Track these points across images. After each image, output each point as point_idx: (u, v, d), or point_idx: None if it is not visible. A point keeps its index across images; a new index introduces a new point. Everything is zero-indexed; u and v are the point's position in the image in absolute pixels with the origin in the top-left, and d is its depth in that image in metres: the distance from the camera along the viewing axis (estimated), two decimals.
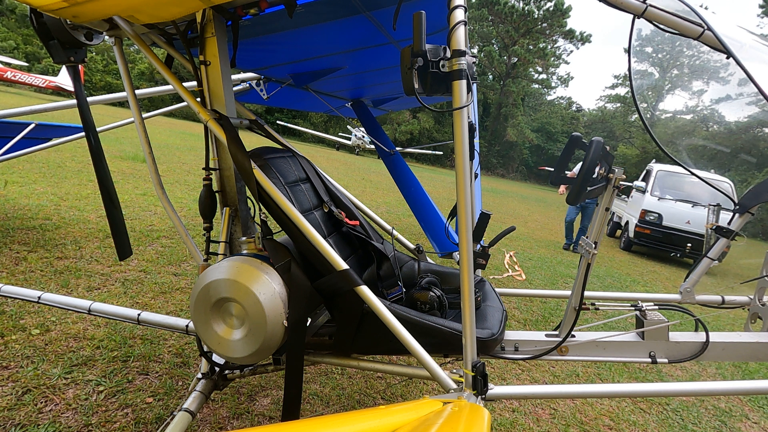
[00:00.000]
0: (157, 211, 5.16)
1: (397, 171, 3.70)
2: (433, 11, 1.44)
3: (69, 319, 2.49)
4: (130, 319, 1.85)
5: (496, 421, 2.15)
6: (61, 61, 1.69)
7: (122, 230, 1.78)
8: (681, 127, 6.99)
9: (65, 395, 1.89)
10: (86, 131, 1.76)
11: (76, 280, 2.98)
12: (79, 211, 4.56)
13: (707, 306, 1.94)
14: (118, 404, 1.90)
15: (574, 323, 1.50)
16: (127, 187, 5.97)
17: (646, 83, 34.00)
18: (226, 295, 1.37)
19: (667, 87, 31.08)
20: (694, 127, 5.59)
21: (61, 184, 5.53)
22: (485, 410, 1.03)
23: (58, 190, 5.24)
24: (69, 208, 4.59)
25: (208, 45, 1.54)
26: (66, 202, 4.82)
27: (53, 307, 2.12)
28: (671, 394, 1.79)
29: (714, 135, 4.74)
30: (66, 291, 2.81)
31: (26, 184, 5.22)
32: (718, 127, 4.71)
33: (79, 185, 5.66)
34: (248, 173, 1.43)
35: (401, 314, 1.42)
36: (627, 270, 7.15)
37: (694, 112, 5.64)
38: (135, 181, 6.52)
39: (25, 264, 3.06)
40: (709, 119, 4.97)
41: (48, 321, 2.44)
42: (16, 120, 3.23)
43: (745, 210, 1.74)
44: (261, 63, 2.35)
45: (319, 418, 1.44)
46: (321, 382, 2.33)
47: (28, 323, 2.37)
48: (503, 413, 2.19)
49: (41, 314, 2.48)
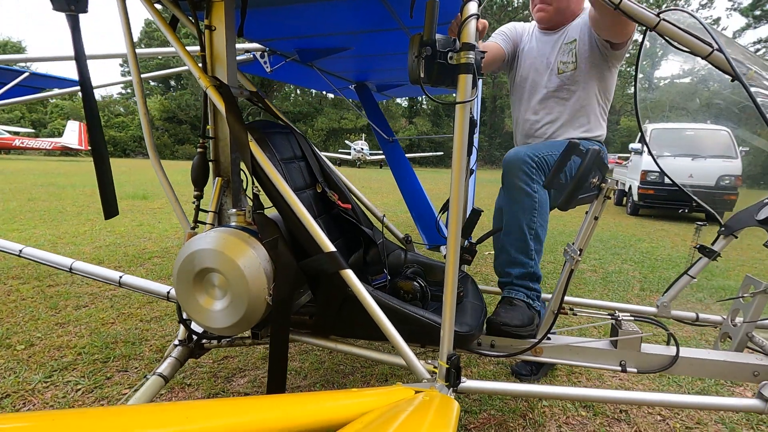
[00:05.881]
0: (151, 237, 5.30)
1: (394, 159, 3.69)
2: (448, 1, 1.43)
3: (54, 333, 2.53)
4: (111, 281, 1.84)
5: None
6: (61, 9, 1.63)
7: (110, 189, 1.76)
8: (680, 90, 6.93)
9: (44, 396, 1.93)
10: (81, 85, 1.72)
11: (65, 302, 3.02)
12: (75, 246, 4.69)
13: (682, 321, 1.98)
14: (95, 398, 1.92)
15: (551, 326, 1.52)
16: (124, 221, 6.20)
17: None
18: (211, 265, 1.36)
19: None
20: (694, 89, 5.54)
21: (60, 226, 5.71)
22: (455, 402, 1.05)
23: (57, 231, 5.41)
24: (65, 244, 4.74)
25: (214, 9, 1.50)
26: (63, 240, 4.96)
27: (34, 261, 2.11)
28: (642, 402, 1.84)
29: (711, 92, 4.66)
30: (55, 311, 2.86)
31: (26, 230, 5.41)
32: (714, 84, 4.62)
33: (77, 225, 5.86)
34: (244, 145, 1.41)
35: (383, 301, 1.43)
36: (633, 231, 7.09)
37: (691, 74, 5.46)
38: (133, 215, 6.83)
39: (17, 294, 3.12)
40: (708, 78, 4.88)
41: (33, 337, 2.48)
42: (11, 67, 3.14)
43: (730, 232, 1.77)
44: (267, 34, 2.31)
45: (290, 395, 1.46)
46: (300, 359, 2.35)
47: (14, 341, 2.41)
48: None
49: (28, 332, 2.53)
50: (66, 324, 2.67)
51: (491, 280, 3.87)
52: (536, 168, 1.69)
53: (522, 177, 1.69)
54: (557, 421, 1.89)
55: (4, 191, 9.24)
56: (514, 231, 1.72)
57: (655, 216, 9.04)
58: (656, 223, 8.20)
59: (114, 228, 5.62)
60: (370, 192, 12.11)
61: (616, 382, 2.25)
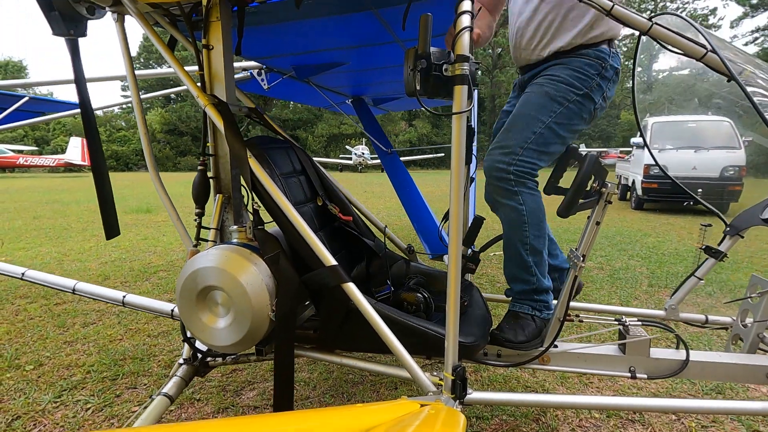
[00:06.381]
0: (156, 250, 5.34)
1: (393, 170, 3.70)
2: (441, 14, 1.44)
3: (63, 352, 2.55)
4: (114, 301, 1.84)
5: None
6: (60, 34, 1.66)
7: (111, 210, 1.77)
8: (679, 83, 6.92)
9: (54, 416, 1.93)
10: (82, 107, 1.74)
11: (72, 319, 3.05)
12: (81, 262, 4.75)
13: (691, 324, 1.96)
14: (104, 417, 1.93)
15: (558, 333, 1.51)
16: (129, 235, 6.26)
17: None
18: (213, 283, 1.36)
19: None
20: (694, 81, 5.52)
21: (65, 243, 5.79)
22: (462, 415, 1.03)
23: (62, 248, 5.48)
24: (71, 261, 4.80)
25: (212, 29, 1.52)
26: (69, 257, 5.02)
27: (36, 284, 2.12)
28: (651, 409, 1.81)
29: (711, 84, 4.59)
30: (63, 329, 2.88)
31: (32, 248, 5.49)
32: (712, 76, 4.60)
33: (83, 241, 5.95)
34: (243, 161, 1.42)
35: (386, 313, 1.42)
36: (638, 226, 7.03)
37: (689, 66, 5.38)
38: (137, 229, 6.90)
39: (25, 313, 3.15)
40: (706, 71, 4.89)
41: (42, 356, 2.49)
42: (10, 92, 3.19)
43: (736, 232, 1.75)
44: (264, 52, 2.33)
45: (297, 413, 1.45)
46: (309, 370, 2.35)
47: (23, 361, 2.42)
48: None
49: (36, 352, 2.55)
50: (74, 342, 2.68)
51: (498, 281, 3.85)
52: (514, 176, 1.55)
53: (501, 192, 1.59)
54: (570, 425, 1.87)
55: (9, 210, 9.34)
56: (510, 247, 1.64)
57: (660, 210, 8.96)
58: (661, 217, 8.13)
59: (119, 243, 5.65)
60: (373, 196, 12.12)
61: (628, 383, 2.22)
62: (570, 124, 1.60)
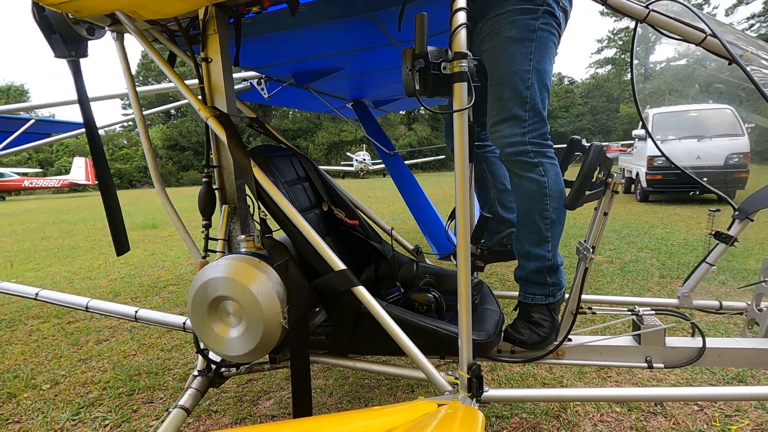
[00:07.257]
0: (164, 265, 5.38)
1: (396, 172, 3.70)
2: (436, 13, 1.44)
3: (78, 370, 2.57)
4: (127, 317, 1.85)
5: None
6: (62, 56, 1.69)
7: (121, 227, 1.79)
8: (677, 73, 6.81)
9: None
10: (86, 127, 1.76)
11: (86, 337, 3.08)
12: (90, 280, 4.80)
13: (705, 311, 1.93)
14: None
15: (571, 327, 1.50)
16: (137, 251, 6.33)
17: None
18: (224, 293, 1.37)
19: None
20: (692, 70, 5.41)
21: (74, 262, 5.86)
22: (480, 412, 1.03)
23: (72, 267, 5.55)
24: (81, 279, 4.85)
25: (210, 42, 1.54)
26: (79, 275, 5.08)
27: (50, 303, 2.14)
28: (670, 398, 1.78)
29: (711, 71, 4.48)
30: (77, 347, 2.91)
31: (42, 269, 5.55)
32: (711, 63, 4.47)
33: (91, 259, 6.02)
34: (247, 171, 1.43)
35: (398, 315, 1.42)
36: (645, 218, 6.97)
37: (687, 55, 5.27)
38: (144, 245, 6.96)
39: (38, 333, 3.18)
40: (705, 58, 4.75)
41: (58, 375, 2.51)
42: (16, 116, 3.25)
43: (745, 216, 1.73)
44: (262, 62, 2.35)
45: (316, 418, 1.44)
46: (324, 377, 2.34)
47: (39, 381, 2.44)
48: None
49: (52, 371, 2.57)
50: (89, 359, 2.70)
51: (507, 280, 3.84)
52: (531, 146, 1.46)
53: (521, 166, 1.50)
54: (591, 420, 1.85)
55: (18, 232, 9.43)
56: (527, 223, 1.53)
57: (666, 201, 8.92)
58: (668, 208, 8.08)
59: (128, 260, 5.70)
60: (376, 201, 12.12)
61: (647, 374, 2.19)
62: (548, 52, 1.47)
